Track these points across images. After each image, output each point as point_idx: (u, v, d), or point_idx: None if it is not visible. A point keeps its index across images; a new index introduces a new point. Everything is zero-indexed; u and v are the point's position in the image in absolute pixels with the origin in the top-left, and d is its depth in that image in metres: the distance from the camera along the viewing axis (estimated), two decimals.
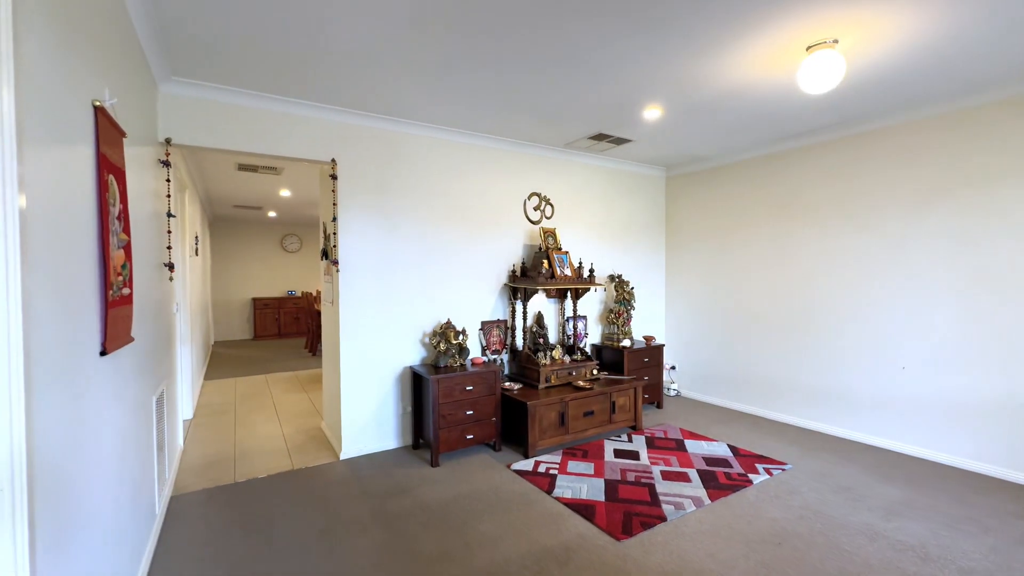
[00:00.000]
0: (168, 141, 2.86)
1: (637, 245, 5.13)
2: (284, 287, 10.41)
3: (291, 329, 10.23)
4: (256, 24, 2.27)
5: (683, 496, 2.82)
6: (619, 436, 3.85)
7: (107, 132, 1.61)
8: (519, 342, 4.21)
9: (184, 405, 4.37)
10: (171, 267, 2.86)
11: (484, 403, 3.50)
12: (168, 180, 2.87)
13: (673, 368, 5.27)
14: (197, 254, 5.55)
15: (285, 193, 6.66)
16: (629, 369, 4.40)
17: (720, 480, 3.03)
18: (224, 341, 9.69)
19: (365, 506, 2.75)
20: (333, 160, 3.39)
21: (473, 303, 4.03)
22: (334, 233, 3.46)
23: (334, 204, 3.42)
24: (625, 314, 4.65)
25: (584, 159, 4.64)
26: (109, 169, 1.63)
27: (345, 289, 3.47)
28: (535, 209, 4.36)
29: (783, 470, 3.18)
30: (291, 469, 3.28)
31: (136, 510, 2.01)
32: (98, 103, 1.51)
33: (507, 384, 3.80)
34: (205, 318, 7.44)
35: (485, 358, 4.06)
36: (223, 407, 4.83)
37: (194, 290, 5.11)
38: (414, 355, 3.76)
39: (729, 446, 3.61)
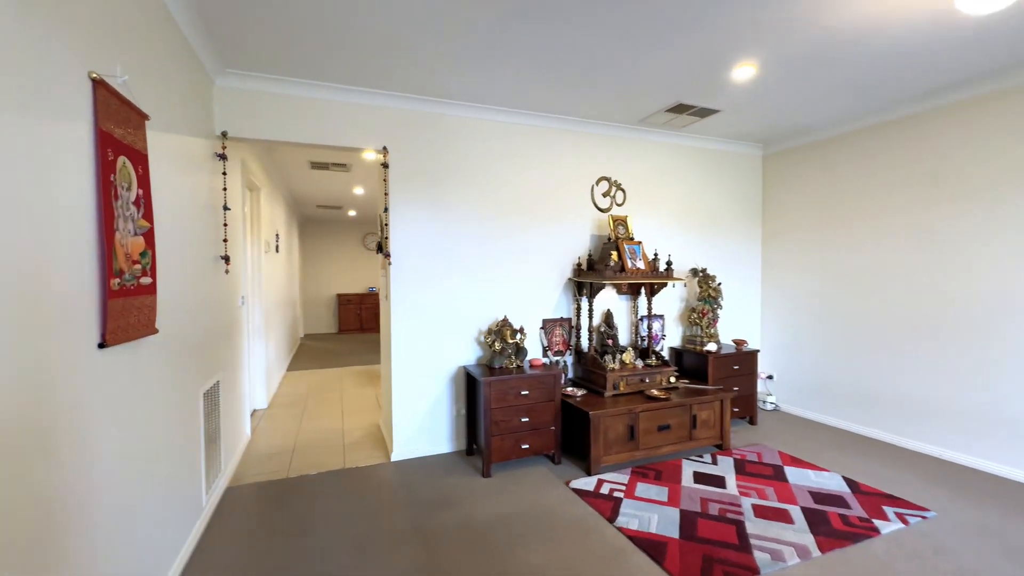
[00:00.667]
0: (224, 135, 2.87)
1: (726, 235, 4.46)
2: (365, 283, 10.86)
3: (371, 324, 10.63)
4: (297, 6, 2.13)
5: (782, 542, 2.25)
6: (701, 456, 3.29)
7: (113, 110, 1.51)
8: (584, 343, 3.80)
9: (257, 395, 4.54)
10: (227, 260, 2.87)
11: (542, 410, 3.15)
12: (224, 173, 2.88)
13: (770, 378, 4.52)
14: (277, 251, 5.82)
15: (358, 191, 6.82)
16: (714, 377, 3.79)
17: (834, 524, 2.40)
18: (312, 334, 10.32)
19: (407, 517, 2.54)
20: (384, 148, 3.24)
21: (533, 299, 3.70)
22: (386, 224, 3.32)
23: (385, 194, 3.28)
24: (710, 313, 4.03)
25: (661, 137, 4.09)
26: (119, 150, 1.53)
27: (396, 283, 3.31)
28: (604, 195, 3.91)
29: (924, 518, 2.46)
30: (342, 468, 3.18)
31: (165, 508, 1.95)
32: (96, 76, 1.40)
33: (569, 389, 3.42)
34: (292, 312, 7.90)
35: (546, 359, 3.71)
36: (296, 399, 4.98)
37: (272, 286, 5.34)
38: (469, 354, 3.51)
39: (845, 479, 2.91)
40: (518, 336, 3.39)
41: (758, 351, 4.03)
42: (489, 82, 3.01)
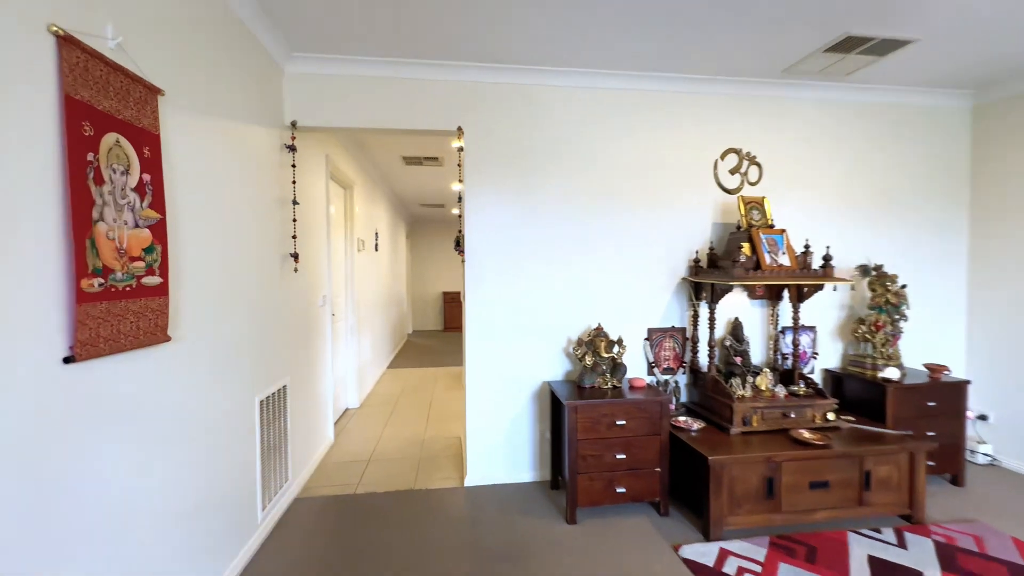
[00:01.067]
0: (294, 124, 2.71)
1: (910, 221, 3.27)
2: None
3: None
4: None
5: None
6: (878, 531, 2.33)
7: (97, 77, 1.26)
8: (703, 360, 3.01)
9: (349, 395, 4.50)
10: (295, 257, 2.70)
11: (643, 446, 2.48)
12: (293, 166, 2.71)
13: (983, 418, 3.22)
14: (377, 249, 5.86)
15: (456, 187, 6.65)
16: (895, 416, 2.74)
17: None
18: (420, 331, 10.61)
19: (466, 568, 2.08)
20: (459, 128, 2.84)
21: (636, 303, 3.02)
22: (460, 215, 2.93)
23: (459, 181, 2.88)
24: (889, 327, 2.95)
25: (814, 91, 3.10)
26: (106, 125, 1.29)
27: (472, 282, 2.89)
28: (732, 172, 3.06)
29: None
30: (411, 488, 2.86)
31: (201, 532, 1.73)
32: (59, 30, 1.14)
33: (682, 419, 2.69)
34: (397, 310, 8.08)
35: (652, 379, 3.00)
36: (387, 399, 4.90)
37: (369, 284, 5.35)
38: (555, 367, 2.97)
39: None
40: (615, 349, 2.75)
41: (967, 382, 2.84)
42: (576, 36, 2.42)
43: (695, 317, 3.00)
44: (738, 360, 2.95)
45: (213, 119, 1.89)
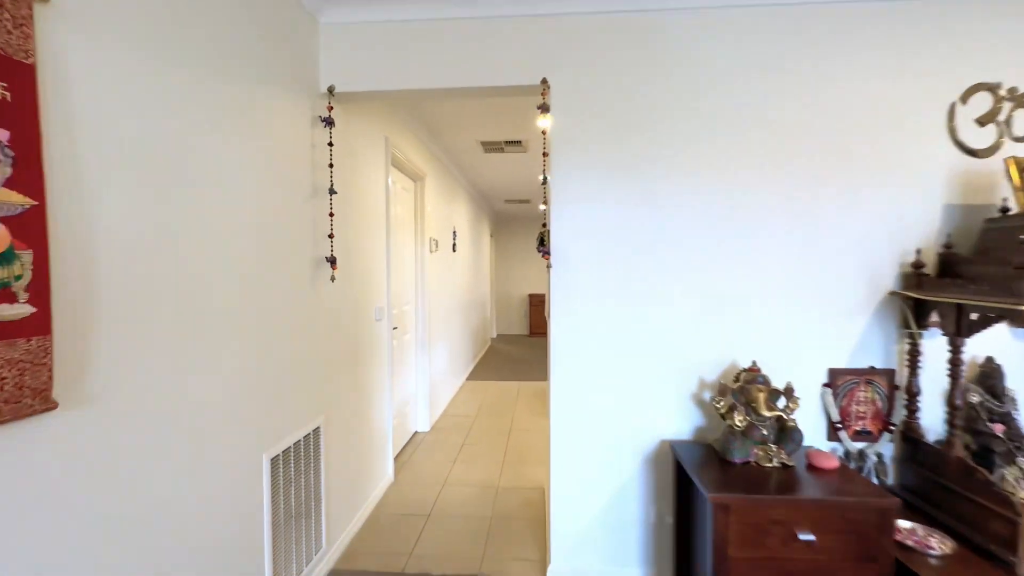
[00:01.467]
0: (331, 91, 2.10)
1: None
2: None
3: None
4: None
5: None
6: None
7: None
8: (928, 422, 1.90)
9: (419, 418, 3.94)
10: (333, 263, 2.10)
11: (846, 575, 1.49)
12: (330, 144, 2.11)
13: None
14: (454, 250, 5.28)
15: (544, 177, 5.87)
16: None
17: None
18: (504, 335, 10.02)
19: None
20: (543, 81, 2.04)
21: (806, 331, 1.99)
22: (545, 202, 2.14)
23: (544, 155, 2.09)
24: None
25: None
26: None
27: (559, 296, 2.09)
28: (982, 122, 1.91)
29: None
30: (476, 573, 2.13)
31: None
32: None
33: (904, 528, 1.63)
34: (480, 314, 7.53)
35: (836, 446, 1.96)
36: (461, 423, 4.26)
37: (445, 289, 4.77)
38: (681, 421, 2.05)
39: None
40: (781, 402, 1.77)
41: None
42: None
43: (913, 354, 1.90)
44: (997, 428, 1.79)
45: (191, 70, 1.30)
